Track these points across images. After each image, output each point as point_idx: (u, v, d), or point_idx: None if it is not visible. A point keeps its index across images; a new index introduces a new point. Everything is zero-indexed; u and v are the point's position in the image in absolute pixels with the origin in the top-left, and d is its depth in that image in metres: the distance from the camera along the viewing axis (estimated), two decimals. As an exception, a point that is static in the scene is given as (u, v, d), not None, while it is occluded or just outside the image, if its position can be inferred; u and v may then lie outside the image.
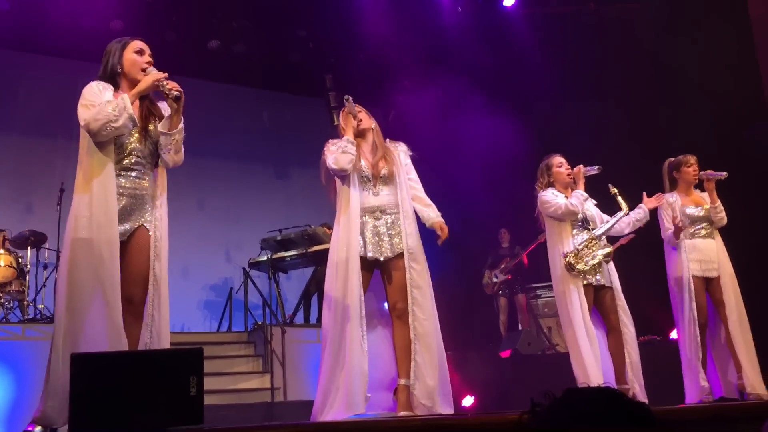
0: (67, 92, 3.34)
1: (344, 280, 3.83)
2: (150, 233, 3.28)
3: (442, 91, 8.76)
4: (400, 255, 3.93)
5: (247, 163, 9.78)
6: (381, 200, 3.99)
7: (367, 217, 3.96)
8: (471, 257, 9.23)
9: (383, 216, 3.97)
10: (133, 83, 3.34)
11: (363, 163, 4.02)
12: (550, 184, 4.76)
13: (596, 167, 4.74)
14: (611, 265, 4.65)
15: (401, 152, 4.20)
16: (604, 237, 4.65)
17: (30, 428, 3.08)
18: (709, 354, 4.85)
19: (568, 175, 4.73)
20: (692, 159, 5.08)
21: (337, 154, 3.92)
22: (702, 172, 5.04)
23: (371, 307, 4.04)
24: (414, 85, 8.95)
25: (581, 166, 4.74)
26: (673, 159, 5.17)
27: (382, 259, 3.91)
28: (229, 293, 8.32)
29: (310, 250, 7.68)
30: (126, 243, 3.23)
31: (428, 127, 8.88)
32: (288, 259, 7.94)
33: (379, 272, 4.02)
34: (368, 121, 4.19)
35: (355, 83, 9.14)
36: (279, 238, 8.07)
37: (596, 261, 4.51)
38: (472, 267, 9.24)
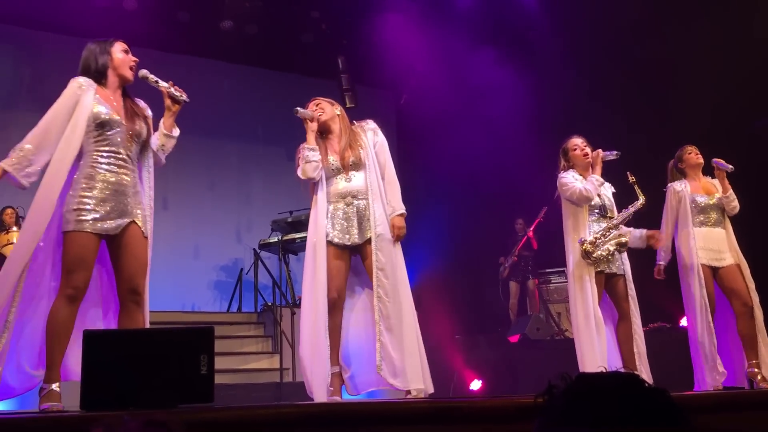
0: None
1: (313, 266, 3.91)
2: (141, 229, 3.34)
3: (456, 74, 8.72)
4: (370, 241, 3.95)
5: (258, 145, 9.79)
6: (352, 186, 4.00)
7: (339, 203, 3.99)
8: (480, 242, 9.23)
9: (355, 201, 3.98)
10: (121, 78, 3.45)
11: (331, 158, 4.04)
12: (571, 168, 4.68)
13: (615, 153, 4.66)
14: (624, 253, 4.62)
15: (369, 131, 4.16)
16: (620, 226, 4.60)
17: (46, 406, 3.09)
18: (718, 342, 4.83)
19: (585, 156, 4.64)
20: (689, 147, 5.10)
21: (302, 164, 3.98)
22: (713, 160, 5.01)
23: (368, 292, 4.07)
24: (427, 68, 8.89)
25: (600, 150, 4.66)
26: (672, 159, 5.18)
27: (349, 244, 3.94)
28: (239, 274, 8.35)
29: (320, 233, 7.68)
30: (119, 237, 3.28)
31: (442, 111, 8.86)
32: (298, 240, 7.96)
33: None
34: (331, 111, 4.14)
35: (368, 66, 9.12)
36: (289, 219, 8.09)
37: (612, 250, 4.48)
38: (481, 252, 9.23)
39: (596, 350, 4.34)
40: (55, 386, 3.09)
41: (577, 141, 4.72)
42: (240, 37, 8.93)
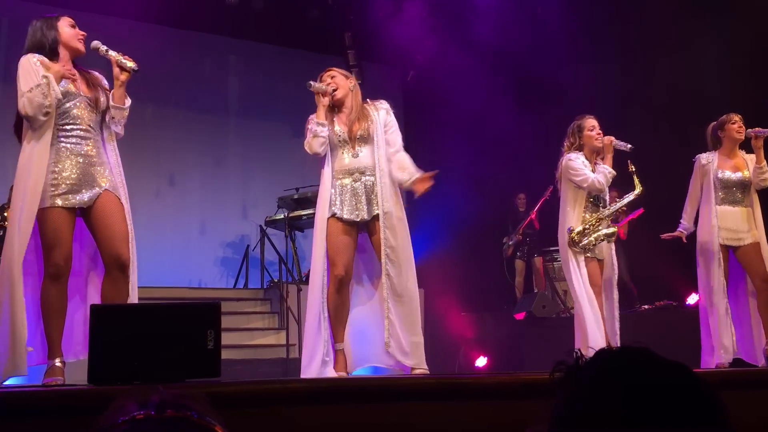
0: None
1: (319, 241, 3.92)
2: (115, 195, 3.34)
3: (463, 50, 8.63)
4: (377, 217, 3.94)
5: (264, 121, 9.74)
6: (360, 161, 3.98)
7: (346, 179, 3.97)
8: (487, 219, 9.20)
9: (363, 177, 3.97)
10: (72, 51, 3.39)
11: (338, 128, 4.02)
12: (579, 147, 4.63)
13: (629, 145, 4.59)
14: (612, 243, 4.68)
15: (382, 110, 4.12)
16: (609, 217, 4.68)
17: (49, 380, 3.13)
18: (733, 321, 4.79)
19: (597, 140, 4.60)
20: (736, 116, 4.86)
21: (309, 138, 3.96)
22: (749, 130, 4.80)
23: (375, 269, 4.07)
24: (435, 44, 8.81)
25: (612, 138, 4.59)
26: (716, 121, 4.97)
27: (358, 220, 3.93)
28: (245, 250, 8.37)
29: (326, 209, 7.68)
30: (93, 208, 3.28)
31: (448, 87, 8.79)
32: (304, 217, 7.95)
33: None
34: (345, 86, 4.10)
35: (375, 42, 9.04)
36: (296, 196, 8.08)
37: (599, 241, 4.53)
38: (488, 229, 9.21)
39: (594, 327, 4.41)
40: (57, 362, 3.16)
41: (594, 122, 4.65)
42: (246, 12, 8.84)
